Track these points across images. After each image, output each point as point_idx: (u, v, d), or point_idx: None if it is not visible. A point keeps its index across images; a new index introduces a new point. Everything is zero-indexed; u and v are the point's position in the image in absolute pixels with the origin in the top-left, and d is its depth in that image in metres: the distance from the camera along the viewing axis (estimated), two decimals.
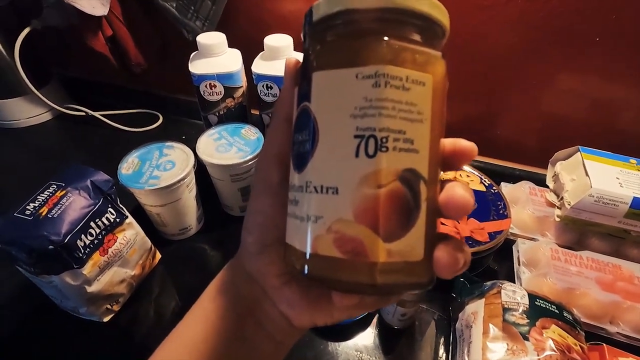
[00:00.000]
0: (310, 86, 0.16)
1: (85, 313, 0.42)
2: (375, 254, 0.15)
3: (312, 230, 0.16)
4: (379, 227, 0.15)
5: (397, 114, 0.15)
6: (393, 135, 0.15)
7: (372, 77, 0.15)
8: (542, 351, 0.33)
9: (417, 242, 0.16)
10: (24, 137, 0.74)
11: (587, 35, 0.51)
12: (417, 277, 0.16)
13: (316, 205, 0.16)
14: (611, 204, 0.44)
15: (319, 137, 0.16)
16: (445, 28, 0.17)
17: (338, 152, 0.15)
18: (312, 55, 0.17)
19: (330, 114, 0.16)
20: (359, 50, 0.15)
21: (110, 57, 0.68)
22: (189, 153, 0.50)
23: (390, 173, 0.15)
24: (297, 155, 0.17)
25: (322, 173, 0.16)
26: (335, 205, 0.15)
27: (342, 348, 0.43)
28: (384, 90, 0.15)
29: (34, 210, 0.37)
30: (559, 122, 0.60)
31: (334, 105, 0.16)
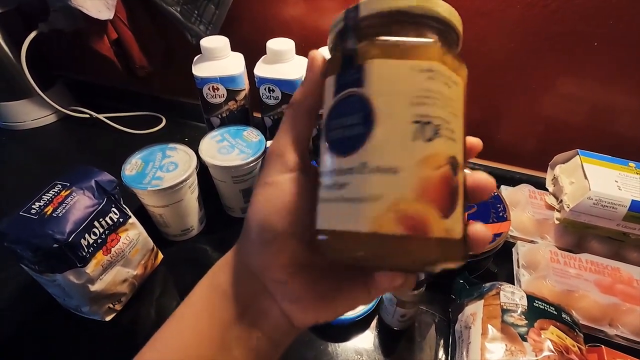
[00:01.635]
0: (362, 73, 0.17)
1: (87, 312, 0.43)
2: (436, 229, 0.16)
3: (371, 210, 0.16)
4: (439, 205, 0.16)
5: (445, 106, 0.17)
6: (444, 124, 0.17)
7: (428, 71, 0.17)
8: (540, 352, 0.33)
9: (459, 222, 0.17)
10: (29, 138, 0.75)
11: (586, 40, 0.51)
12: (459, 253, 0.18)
13: (376, 185, 0.16)
14: (610, 207, 0.45)
15: (377, 120, 0.17)
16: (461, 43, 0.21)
17: (398, 135, 0.16)
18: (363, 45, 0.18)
19: (389, 100, 0.17)
20: (416, 46, 0.17)
21: (115, 60, 0.69)
22: (191, 155, 0.50)
23: (443, 157, 0.17)
24: (340, 139, 0.18)
25: (382, 154, 0.16)
26: (395, 184, 0.16)
27: (341, 349, 0.43)
28: (438, 84, 0.17)
29: (39, 209, 0.37)
30: (558, 126, 0.61)
31: (393, 92, 0.17)
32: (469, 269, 0.47)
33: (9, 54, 0.69)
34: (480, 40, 0.56)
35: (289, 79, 0.55)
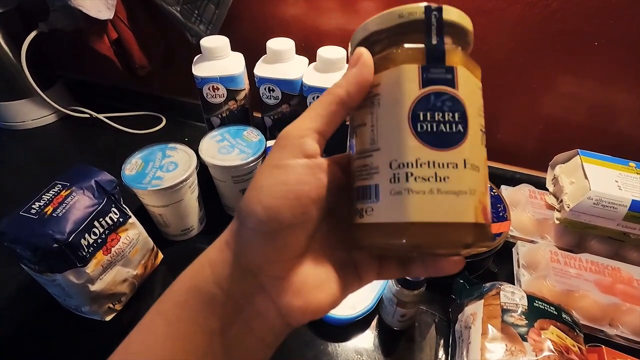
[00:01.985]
0: (454, 76, 0.19)
1: (87, 312, 0.43)
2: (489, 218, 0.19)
3: (472, 201, 0.18)
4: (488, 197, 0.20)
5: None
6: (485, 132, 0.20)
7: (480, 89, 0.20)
8: (540, 352, 0.33)
9: None
10: (29, 138, 0.75)
11: (586, 40, 0.51)
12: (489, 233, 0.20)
13: (473, 180, 0.18)
14: (610, 207, 0.45)
15: (469, 122, 0.18)
16: None
17: (477, 138, 0.19)
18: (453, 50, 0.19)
19: (472, 107, 0.19)
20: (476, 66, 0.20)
21: (115, 60, 0.69)
22: (191, 154, 0.50)
23: None
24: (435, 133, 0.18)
25: (474, 154, 0.19)
26: (480, 180, 0.19)
27: (341, 349, 0.43)
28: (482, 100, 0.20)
29: (39, 209, 0.37)
30: (558, 126, 0.61)
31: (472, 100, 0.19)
32: (469, 269, 0.47)
33: (9, 53, 0.69)
34: (480, 39, 0.55)
35: (289, 78, 0.55)
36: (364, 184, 0.19)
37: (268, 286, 0.19)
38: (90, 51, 0.66)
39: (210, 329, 0.19)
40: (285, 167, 0.18)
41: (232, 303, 0.19)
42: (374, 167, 0.19)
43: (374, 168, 0.19)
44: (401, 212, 0.18)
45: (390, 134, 0.18)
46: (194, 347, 0.19)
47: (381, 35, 0.20)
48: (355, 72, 0.19)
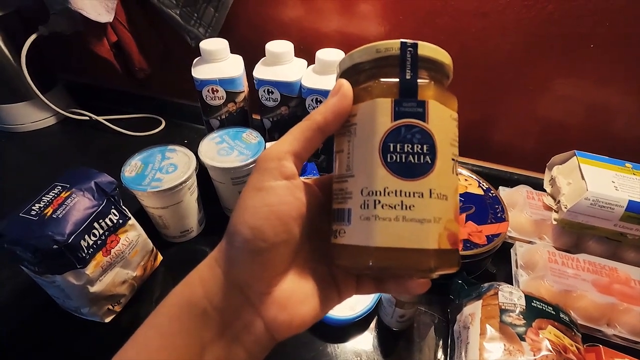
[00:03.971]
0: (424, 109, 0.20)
1: (87, 313, 0.43)
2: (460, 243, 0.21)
3: (435, 229, 0.19)
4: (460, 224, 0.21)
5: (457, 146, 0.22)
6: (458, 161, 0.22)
7: (454, 120, 0.21)
8: (538, 351, 0.34)
9: None
10: (29, 141, 0.75)
11: (583, 42, 0.52)
12: None
13: (438, 208, 0.19)
14: (607, 207, 0.45)
15: (438, 153, 0.20)
16: None
17: (447, 168, 0.20)
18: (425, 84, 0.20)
19: (442, 138, 0.20)
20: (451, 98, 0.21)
21: (115, 62, 0.70)
22: (190, 156, 0.51)
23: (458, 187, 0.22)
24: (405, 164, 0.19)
25: (441, 183, 0.20)
26: (447, 208, 0.20)
27: (340, 349, 0.43)
28: (457, 131, 0.22)
29: (39, 211, 0.37)
30: (555, 127, 0.61)
31: (443, 132, 0.20)
32: (467, 270, 0.47)
33: (9, 56, 0.69)
34: (478, 41, 0.56)
35: (287, 81, 0.56)
36: (339, 206, 0.21)
37: (254, 301, 0.20)
38: (90, 54, 0.67)
39: (202, 342, 0.20)
40: (267, 189, 0.20)
41: (222, 317, 0.20)
42: (348, 192, 0.20)
43: (348, 193, 0.20)
44: (368, 237, 0.19)
45: (363, 163, 0.20)
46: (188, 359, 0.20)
47: (363, 67, 0.21)
48: (334, 102, 0.21)
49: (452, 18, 0.55)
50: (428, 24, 0.57)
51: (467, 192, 0.54)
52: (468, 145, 0.67)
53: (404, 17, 0.58)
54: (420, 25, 0.58)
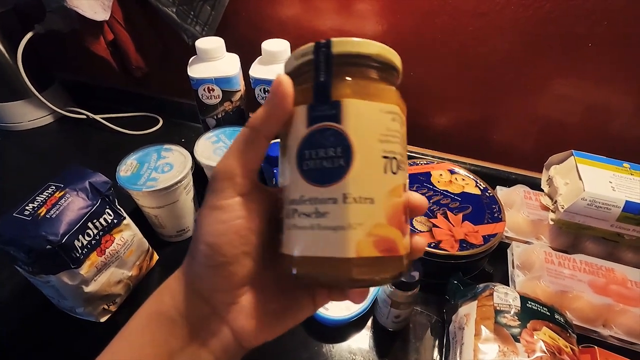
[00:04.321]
0: (339, 110, 0.19)
1: (82, 313, 0.43)
2: (401, 248, 0.19)
3: (352, 236, 0.18)
4: (401, 227, 0.19)
5: (401, 142, 0.20)
6: (401, 157, 0.20)
7: (390, 113, 0.20)
8: (532, 353, 0.34)
9: (407, 239, 0.20)
10: (25, 139, 0.75)
11: (580, 41, 0.51)
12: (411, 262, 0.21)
13: (356, 213, 0.18)
14: (604, 208, 0.45)
15: (354, 155, 0.18)
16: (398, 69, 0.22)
17: (372, 169, 0.19)
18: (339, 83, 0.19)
19: (364, 137, 0.19)
20: (384, 90, 0.20)
21: (111, 61, 0.69)
22: (186, 155, 0.50)
23: (402, 186, 0.20)
24: (318, 170, 0.19)
25: (360, 186, 0.18)
26: (372, 212, 0.18)
27: (336, 350, 0.43)
28: (397, 124, 0.20)
29: (33, 211, 0.37)
30: (553, 127, 0.61)
31: (366, 130, 0.19)
32: (463, 270, 0.47)
33: (5, 54, 0.69)
34: (477, 40, 0.56)
35: None
36: (279, 216, 0.21)
37: (220, 311, 0.21)
38: (86, 52, 0.66)
39: (170, 349, 0.21)
40: (222, 207, 0.20)
41: (189, 326, 0.21)
42: (281, 201, 0.21)
43: (281, 202, 0.21)
44: (290, 247, 0.19)
45: (288, 172, 0.20)
46: None
47: (294, 74, 0.21)
48: (269, 104, 0.20)
49: (451, 17, 0.55)
50: (426, 23, 0.57)
51: (464, 192, 0.53)
52: (466, 144, 0.67)
53: (402, 16, 0.58)
54: (418, 25, 0.57)
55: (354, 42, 0.19)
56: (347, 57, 0.19)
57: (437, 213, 0.50)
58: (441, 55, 0.59)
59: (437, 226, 0.48)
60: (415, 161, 0.59)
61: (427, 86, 0.63)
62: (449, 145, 0.67)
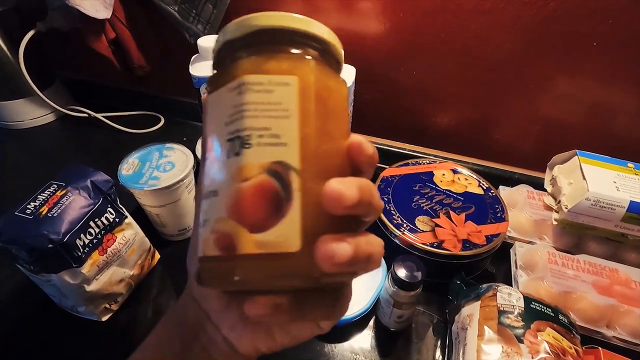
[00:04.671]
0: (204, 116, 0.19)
1: (84, 312, 0.43)
2: (244, 246, 0.15)
3: (202, 234, 0.17)
4: (244, 219, 0.16)
5: (259, 113, 0.16)
6: (257, 132, 0.16)
7: (236, 88, 0.17)
8: (536, 354, 0.33)
9: (292, 232, 0.15)
10: (27, 137, 0.75)
11: (585, 40, 0.51)
12: (293, 268, 0.16)
13: (205, 209, 0.17)
14: (608, 208, 0.44)
15: (207, 147, 0.18)
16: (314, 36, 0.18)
17: (216, 158, 0.17)
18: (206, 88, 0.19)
19: (211, 128, 0.18)
20: (229, 71, 0.17)
21: (113, 59, 0.69)
22: (188, 154, 0.50)
23: (255, 167, 0.16)
24: None
25: (208, 179, 0.17)
26: (215, 206, 0.16)
27: (338, 349, 0.43)
28: (245, 95, 0.16)
29: (35, 209, 0.37)
30: (556, 126, 0.60)
31: (214, 119, 0.18)
32: (466, 270, 0.46)
33: (7, 53, 0.68)
34: (479, 39, 0.56)
35: None
36: None
37: (212, 317, 0.22)
38: (88, 51, 0.66)
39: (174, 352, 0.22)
40: None
41: (190, 329, 0.22)
42: None
43: None
44: None
45: None
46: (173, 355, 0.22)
47: None
48: None
49: (453, 15, 0.55)
50: (428, 22, 0.56)
51: (467, 192, 0.53)
52: (468, 144, 0.67)
53: (404, 14, 0.57)
54: (420, 23, 0.57)
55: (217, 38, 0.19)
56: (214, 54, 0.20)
57: (440, 213, 0.49)
58: (443, 54, 0.58)
59: (440, 226, 0.48)
60: (417, 160, 0.58)
61: (429, 85, 0.63)
62: (451, 144, 0.67)
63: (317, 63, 0.18)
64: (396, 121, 0.69)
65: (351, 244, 0.15)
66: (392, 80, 0.65)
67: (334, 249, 0.15)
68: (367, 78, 0.62)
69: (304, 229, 0.15)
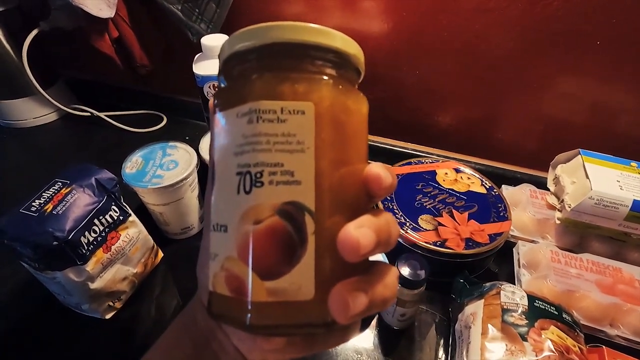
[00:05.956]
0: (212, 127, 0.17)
1: (87, 310, 0.43)
2: (255, 292, 0.14)
3: (212, 267, 0.16)
4: (255, 265, 0.15)
5: (272, 147, 0.15)
6: (268, 169, 0.15)
7: (247, 114, 0.15)
8: (540, 352, 0.33)
9: (305, 280, 0.15)
10: (30, 136, 0.75)
11: (588, 39, 0.51)
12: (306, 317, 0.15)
13: (214, 243, 0.16)
14: (611, 207, 0.44)
15: (216, 177, 0.17)
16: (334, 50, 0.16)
17: (226, 190, 0.16)
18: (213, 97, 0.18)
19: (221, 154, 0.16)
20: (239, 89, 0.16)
21: (116, 58, 0.69)
22: (192, 153, 0.50)
23: (266, 208, 0.15)
24: None
25: (217, 212, 0.16)
26: (225, 242, 0.16)
27: (341, 348, 0.43)
28: (257, 126, 0.15)
29: (39, 207, 0.37)
30: (559, 125, 0.60)
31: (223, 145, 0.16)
32: (469, 269, 0.46)
33: (11, 52, 0.69)
34: (480, 38, 0.56)
35: None
36: None
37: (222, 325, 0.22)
38: (91, 50, 0.66)
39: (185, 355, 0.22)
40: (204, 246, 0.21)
41: (201, 334, 0.22)
42: None
43: None
44: None
45: None
46: None
47: None
48: None
49: (456, 15, 0.55)
50: (431, 21, 0.57)
51: (470, 191, 0.53)
52: (471, 143, 0.67)
53: (407, 13, 0.57)
54: (422, 23, 0.57)
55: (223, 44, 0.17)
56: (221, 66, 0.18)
57: (443, 212, 0.49)
58: (445, 52, 0.58)
59: (443, 225, 0.48)
60: (420, 159, 0.58)
61: (432, 84, 0.63)
62: (453, 143, 0.67)
63: (335, 83, 0.16)
64: (398, 120, 0.69)
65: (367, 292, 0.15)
66: (394, 80, 0.65)
67: (349, 302, 0.14)
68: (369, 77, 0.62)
69: (318, 276, 0.15)
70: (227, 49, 0.17)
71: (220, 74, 0.18)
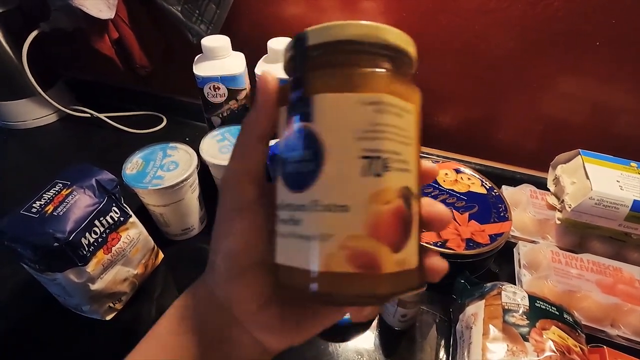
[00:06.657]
0: (310, 107, 0.17)
1: (88, 311, 0.43)
2: (387, 265, 0.16)
3: (322, 248, 0.16)
4: (390, 240, 0.16)
5: (395, 137, 0.17)
6: (394, 156, 0.17)
7: (374, 104, 0.16)
8: (541, 352, 0.33)
9: (413, 251, 0.18)
10: (30, 137, 0.75)
11: (588, 39, 0.51)
12: (414, 282, 0.18)
13: (327, 223, 0.16)
14: (612, 207, 0.44)
15: (326, 157, 0.17)
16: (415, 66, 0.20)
17: (346, 171, 0.16)
18: (311, 77, 0.17)
19: (337, 136, 0.17)
20: (362, 77, 0.17)
21: (116, 59, 0.69)
22: (192, 154, 0.50)
23: (394, 190, 0.17)
24: (292, 174, 0.18)
25: (332, 192, 0.16)
26: (346, 222, 0.16)
27: (342, 349, 0.43)
28: (385, 117, 0.17)
29: (40, 208, 0.37)
30: (559, 126, 0.60)
31: (340, 128, 0.17)
32: (470, 269, 0.46)
33: (10, 53, 0.69)
34: (481, 38, 0.56)
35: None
36: None
37: (241, 319, 0.21)
38: (91, 51, 0.66)
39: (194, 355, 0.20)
40: (231, 218, 0.20)
41: (211, 333, 0.21)
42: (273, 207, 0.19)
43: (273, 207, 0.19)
44: (272, 253, 0.19)
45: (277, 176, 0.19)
46: None
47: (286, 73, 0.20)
48: (255, 101, 0.20)
49: (456, 15, 0.55)
50: (431, 21, 0.57)
51: (470, 191, 0.53)
52: (471, 143, 0.67)
53: (407, 13, 0.57)
54: (423, 22, 0.57)
55: (329, 28, 0.17)
56: (324, 47, 0.17)
57: None
58: (445, 52, 0.59)
59: None
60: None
61: (431, 84, 0.63)
62: (453, 144, 0.67)
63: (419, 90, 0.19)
64: None
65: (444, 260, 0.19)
66: None
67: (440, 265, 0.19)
68: None
69: (418, 248, 0.18)
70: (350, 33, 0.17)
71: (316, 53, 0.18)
